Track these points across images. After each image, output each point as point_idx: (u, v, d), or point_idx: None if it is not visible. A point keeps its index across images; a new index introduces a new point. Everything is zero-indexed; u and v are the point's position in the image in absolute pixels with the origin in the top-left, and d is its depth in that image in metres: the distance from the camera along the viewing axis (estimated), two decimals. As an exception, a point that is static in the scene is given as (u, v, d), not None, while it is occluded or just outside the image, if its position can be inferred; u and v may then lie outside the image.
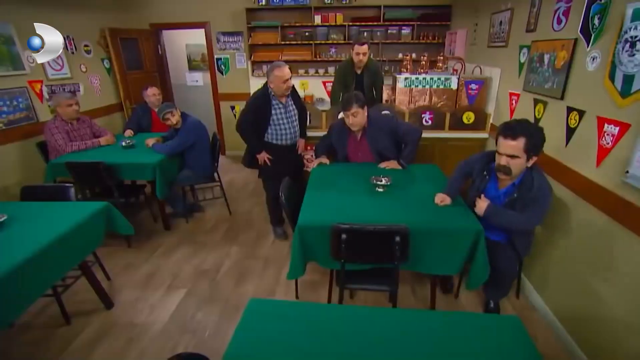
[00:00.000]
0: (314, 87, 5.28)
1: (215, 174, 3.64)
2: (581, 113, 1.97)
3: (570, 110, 2.08)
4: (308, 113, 3.38)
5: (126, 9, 5.01)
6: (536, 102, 2.46)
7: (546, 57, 2.29)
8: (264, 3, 4.81)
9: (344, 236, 1.78)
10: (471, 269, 2.00)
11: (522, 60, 2.65)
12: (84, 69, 4.28)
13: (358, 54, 3.48)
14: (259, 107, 2.84)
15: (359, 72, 3.69)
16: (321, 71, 5.17)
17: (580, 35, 1.97)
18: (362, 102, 2.60)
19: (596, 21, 1.84)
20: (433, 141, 3.48)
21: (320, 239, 1.96)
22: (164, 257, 3.04)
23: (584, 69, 1.96)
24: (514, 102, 2.81)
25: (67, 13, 4.02)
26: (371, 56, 3.66)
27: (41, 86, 3.61)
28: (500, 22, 2.99)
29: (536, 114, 2.46)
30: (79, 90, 4.20)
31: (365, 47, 3.47)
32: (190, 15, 5.12)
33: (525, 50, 2.60)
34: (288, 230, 3.30)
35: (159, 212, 3.43)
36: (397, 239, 1.76)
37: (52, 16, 3.80)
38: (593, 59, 1.87)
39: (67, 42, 4.02)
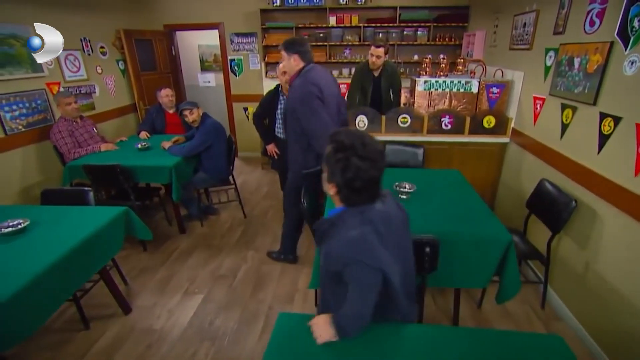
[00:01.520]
0: (328, 88, 5.23)
1: (231, 177, 3.61)
2: (617, 119, 1.90)
3: (603, 116, 2.00)
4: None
5: (141, 10, 5.01)
6: (564, 107, 2.38)
7: (576, 61, 2.21)
8: (278, 4, 4.77)
9: (371, 246, 1.72)
10: (501, 282, 1.94)
11: (548, 64, 2.58)
12: (99, 71, 4.28)
13: (372, 55, 3.47)
14: (268, 101, 3.03)
15: (376, 74, 3.64)
16: (335, 73, 5.11)
17: (617, 38, 1.89)
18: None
19: (636, 23, 1.76)
20: (452, 145, 3.41)
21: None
22: (180, 261, 3.02)
23: (620, 73, 1.88)
24: (538, 106, 2.73)
25: (84, 15, 4.02)
26: (388, 58, 3.61)
27: (58, 88, 3.62)
28: (524, 23, 2.91)
29: (564, 119, 2.39)
30: (95, 92, 4.21)
31: (381, 50, 3.44)
32: (204, 16, 5.10)
33: (552, 53, 2.53)
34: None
35: (174, 215, 3.41)
36: (427, 250, 1.71)
37: (69, 18, 3.82)
38: (632, 63, 1.80)
39: (83, 43, 4.03)
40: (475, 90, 3.33)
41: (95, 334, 2.26)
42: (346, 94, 4.04)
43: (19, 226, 1.87)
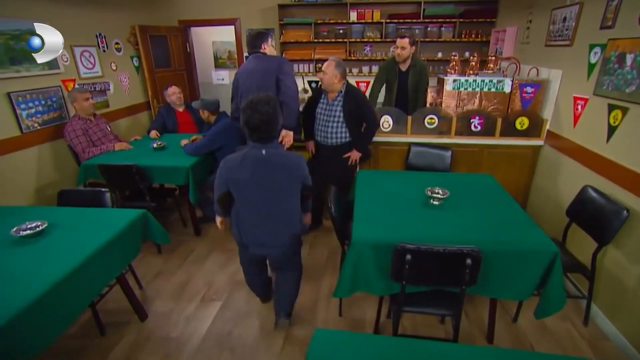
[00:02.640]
0: (347, 87, 5.15)
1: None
2: (677, 122, 1.78)
3: (660, 118, 1.88)
4: (374, 125, 2.98)
5: (156, 5, 5.02)
6: (612, 107, 2.25)
7: (629, 57, 2.09)
8: (297, -1, 4.72)
9: (408, 257, 1.64)
10: (543, 296, 1.83)
11: (592, 61, 2.45)
12: (114, 67, 4.29)
13: (397, 47, 3.45)
14: (312, 98, 3.07)
15: (403, 68, 3.57)
16: (355, 71, 5.04)
17: (680, 34, 1.77)
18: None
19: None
20: (482, 148, 3.30)
21: (377, 256, 1.85)
22: (196, 265, 2.98)
23: (681, 72, 1.76)
24: (579, 107, 2.61)
25: (100, 11, 4.03)
26: (415, 53, 3.55)
27: (74, 85, 3.62)
28: (564, 18, 2.78)
29: (611, 121, 2.26)
30: (109, 89, 4.21)
31: (406, 40, 3.39)
32: (219, 12, 5.09)
33: (597, 49, 2.40)
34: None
35: (190, 216, 3.37)
36: (469, 261, 1.62)
37: (86, 14, 3.83)
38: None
39: (98, 40, 4.03)
40: (507, 89, 3.21)
41: (111, 341, 2.22)
42: (368, 90, 3.98)
43: (37, 229, 1.84)
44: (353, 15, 4.69)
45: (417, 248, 1.63)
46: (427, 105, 3.52)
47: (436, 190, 2.25)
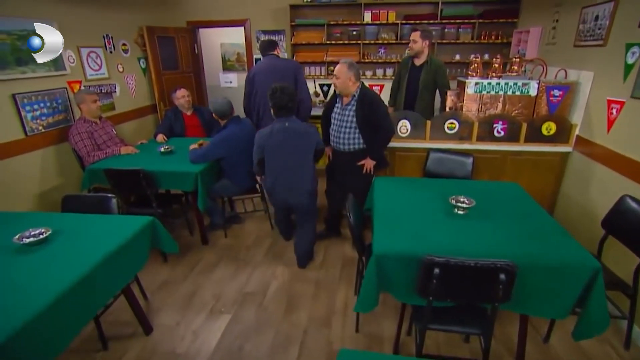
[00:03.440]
0: (360, 90, 5.10)
1: (257, 185, 3.51)
2: None
3: None
4: (388, 131, 2.86)
5: (164, 6, 5.04)
6: (651, 112, 2.17)
7: (671, 59, 2.01)
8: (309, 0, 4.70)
9: (436, 270, 1.57)
10: (583, 316, 1.74)
11: (630, 61, 2.37)
12: (120, 69, 4.29)
13: (409, 41, 3.55)
14: (330, 102, 3.07)
15: (417, 63, 3.60)
16: (369, 74, 5.00)
17: None
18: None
19: None
20: (505, 154, 3.22)
21: (399, 269, 1.78)
22: (204, 275, 2.92)
23: None
24: (614, 111, 2.52)
25: (107, 11, 4.05)
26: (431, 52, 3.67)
27: (80, 86, 3.62)
28: (596, 16, 2.71)
29: (650, 126, 2.17)
30: (115, 91, 4.21)
31: (417, 33, 3.47)
32: (229, 13, 5.09)
33: (635, 49, 2.32)
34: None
35: (197, 224, 3.32)
36: (502, 277, 1.54)
37: (93, 14, 3.84)
38: None
39: (105, 41, 4.04)
40: (533, 93, 3.13)
41: (114, 356, 2.17)
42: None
43: (41, 236, 1.80)
44: (367, 16, 4.65)
45: (446, 261, 1.55)
46: (447, 109, 3.45)
47: (461, 199, 2.18)
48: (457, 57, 4.72)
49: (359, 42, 4.79)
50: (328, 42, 4.84)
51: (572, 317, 1.81)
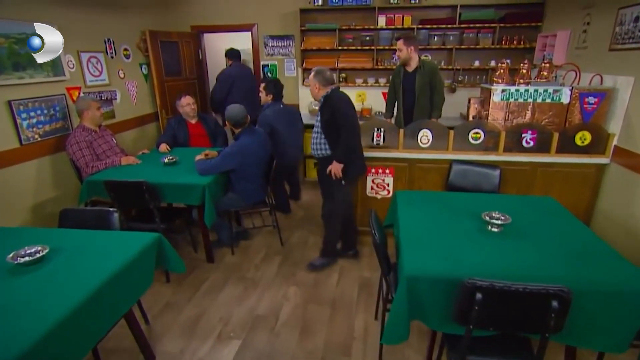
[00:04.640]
0: (374, 98, 5.06)
1: (267, 199, 3.43)
2: None
3: None
4: (344, 129, 2.72)
5: (168, 10, 5.05)
6: (703, 120, 2.07)
7: None
8: (320, 3, 4.69)
9: (479, 296, 1.46)
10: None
11: (675, 67, 2.29)
12: (121, 75, 4.27)
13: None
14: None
15: (409, 70, 3.68)
16: (382, 81, 4.94)
17: None
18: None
19: None
20: (534, 166, 3.12)
21: (433, 293, 1.67)
22: (210, 296, 2.81)
23: None
24: (657, 119, 2.43)
25: (109, 15, 4.05)
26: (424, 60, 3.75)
27: (79, 93, 3.59)
28: (636, 17, 2.64)
29: (703, 136, 2.08)
30: (116, 98, 4.18)
31: (400, 42, 3.59)
32: (235, 17, 5.09)
33: (681, 53, 2.24)
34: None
35: (202, 241, 3.22)
36: (555, 304, 1.42)
37: (94, 18, 3.84)
38: None
39: (107, 45, 4.03)
40: (565, 100, 3.06)
41: (114, 387, 2.05)
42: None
43: (37, 255, 1.71)
44: (381, 21, 4.62)
45: (490, 285, 1.45)
46: (471, 118, 3.37)
47: (495, 215, 2.08)
48: (477, 63, 4.66)
49: (373, 47, 4.75)
50: (339, 47, 4.80)
51: (631, 351, 1.69)
